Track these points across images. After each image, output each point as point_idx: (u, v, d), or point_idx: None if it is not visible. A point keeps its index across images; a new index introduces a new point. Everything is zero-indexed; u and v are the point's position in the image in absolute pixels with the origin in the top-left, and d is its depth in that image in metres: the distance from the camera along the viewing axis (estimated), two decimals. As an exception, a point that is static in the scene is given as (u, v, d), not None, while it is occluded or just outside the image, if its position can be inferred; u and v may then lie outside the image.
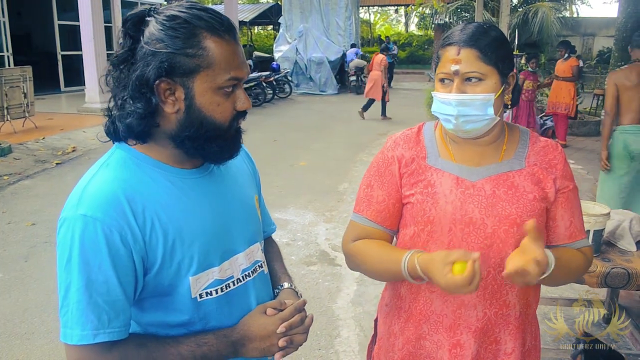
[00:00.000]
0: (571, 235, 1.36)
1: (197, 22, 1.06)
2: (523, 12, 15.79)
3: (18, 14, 15.95)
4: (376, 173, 1.43)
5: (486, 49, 1.25)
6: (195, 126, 1.09)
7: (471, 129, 1.30)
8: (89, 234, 1.02)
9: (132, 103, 1.08)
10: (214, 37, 1.07)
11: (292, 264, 4.43)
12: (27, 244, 4.79)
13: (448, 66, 1.27)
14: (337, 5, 18.09)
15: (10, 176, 6.95)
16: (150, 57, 1.05)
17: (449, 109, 1.28)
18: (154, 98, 1.07)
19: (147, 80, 1.05)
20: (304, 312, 1.25)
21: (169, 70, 1.05)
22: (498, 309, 1.32)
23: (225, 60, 1.08)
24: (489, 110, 1.27)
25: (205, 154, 1.15)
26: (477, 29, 1.28)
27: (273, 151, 8.80)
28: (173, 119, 1.10)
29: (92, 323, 1.02)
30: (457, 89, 1.26)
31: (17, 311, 3.64)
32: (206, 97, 1.08)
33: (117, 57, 1.10)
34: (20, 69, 9.56)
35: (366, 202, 1.42)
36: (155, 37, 1.05)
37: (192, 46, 1.05)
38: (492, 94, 1.26)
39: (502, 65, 1.28)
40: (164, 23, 1.06)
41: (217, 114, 1.10)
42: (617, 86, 4.33)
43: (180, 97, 1.08)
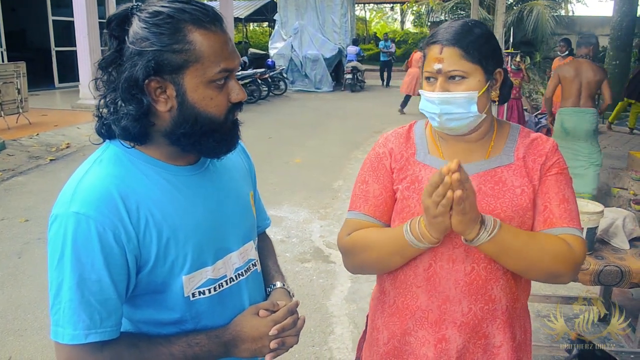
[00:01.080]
0: (545, 220, 1.28)
1: (181, 16, 1.03)
2: (518, 10, 15.83)
3: (12, 10, 15.85)
4: (370, 168, 1.43)
5: (469, 47, 1.26)
6: (190, 122, 1.07)
7: (455, 127, 1.31)
8: (82, 232, 1.00)
9: (124, 105, 1.05)
10: (199, 30, 1.04)
11: (287, 260, 4.43)
12: (21, 241, 4.77)
13: (432, 65, 1.29)
14: (332, 3, 18.05)
15: (4, 172, 6.92)
16: (136, 56, 1.02)
17: (433, 107, 1.30)
18: (145, 98, 1.05)
19: (136, 80, 1.03)
20: (296, 314, 1.25)
21: (156, 68, 1.02)
22: (484, 304, 1.32)
23: (214, 52, 1.05)
24: (472, 108, 1.28)
25: (203, 149, 1.13)
26: (461, 27, 1.29)
27: (268, 148, 8.79)
28: (167, 117, 1.08)
29: (83, 322, 1.01)
30: (440, 88, 1.27)
31: (11, 307, 3.63)
32: (198, 92, 1.06)
33: (104, 59, 1.08)
34: (14, 64, 9.50)
35: (362, 198, 1.41)
36: (140, 36, 1.03)
37: (178, 41, 1.02)
38: (475, 91, 1.27)
39: (486, 63, 1.28)
40: (147, 20, 1.03)
41: (211, 108, 1.08)
42: (559, 77, 5.52)
43: (171, 95, 1.06)
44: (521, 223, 1.30)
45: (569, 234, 1.26)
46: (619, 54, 12.70)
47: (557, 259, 1.23)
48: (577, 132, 5.42)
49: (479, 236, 1.19)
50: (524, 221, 1.31)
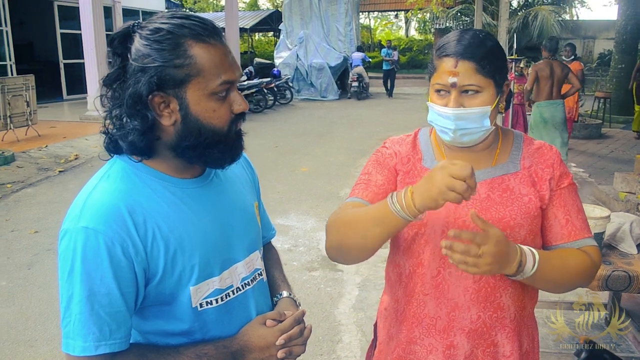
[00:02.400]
0: (569, 234, 1.33)
1: (181, 31, 1.06)
2: (523, 16, 15.84)
3: (21, 23, 16.06)
4: (375, 162, 1.43)
5: (483, 61, 1.24)
6: (194, 135, 1.09)
7: (468, 141, 1.31)
8: (91, 246, 1.02)
9: (130, 121, 1.08)
10: (199, 44, 1.06)
11: (294, 269, 4.44)
12: (31, 252, 4.81)
13: (445, 78, 1.26)
14: (337, 12, 18.15)
15: (14, 184, 6.98)
16: (139, 73, 1.05)
17: (446, 123, 1.28)
18: (150, 113, 1.07)
19: (140, 96, 1.05)
20: (303, 323, 1.26)
21: (159, 83, 1.05)
22: (492, 312, 1.32)
23: (214, 65, 1.07)
24: (485, 122, 1.28)
25: (207, 160, 1.15)
26: (473, 40, 1.27)
27: (274, 157, 8.82)
28: (171, 131, 1.10)
29: (94, 334, 1.03)
30: (455, 102, 1.25)
31: (21, 318, 3.66)
32: (201, 104, 1.08)
33: (109, 76, 1.10)
34: (22, 77, 9.62)
35: (363, 186, 1.40)
36: (142, 53, 1.05)
37: (179, 56, 1.05)
38: (488, 106, 1.27)
39: (498, 77, 1.28)
40: (148, 37, 1.05)
41: (215, 120, 1.10)
42: (537, 73, 6.61)
43: (175, 109, 1.08)
44: (529, 231, 1.31)
45: (589, 245, 1.32)
46: (625, 57, 12.68)
47: (583, 275, 1.29)
48: (554, 120, 6.63)
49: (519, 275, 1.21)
50: (532, 229, 1.31)
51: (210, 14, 24.52)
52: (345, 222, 1.28)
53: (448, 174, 1.06)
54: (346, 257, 1.34)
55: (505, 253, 1.15)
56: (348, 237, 1.26)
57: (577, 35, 19.93)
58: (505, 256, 1.15)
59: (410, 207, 1.12)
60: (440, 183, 1.06)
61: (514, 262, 1.18)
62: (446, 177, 1.06)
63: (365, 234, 1.22)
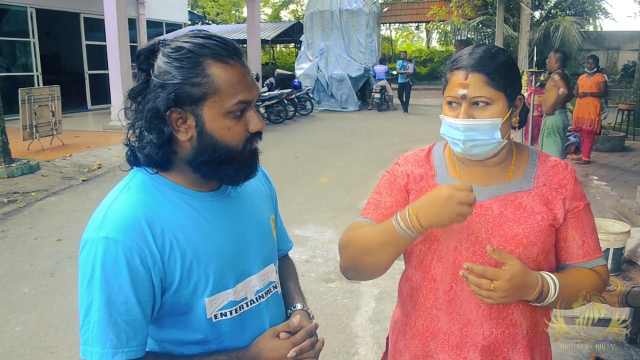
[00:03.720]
0: (585, 254, 1.35)
1: (201, 51, 1.09)
2: (545, 27, 15.72)
3: (47, 35, 16.43)
4: (386, 182, 1.46)
5: (494, 74, 1.26)
6: (208, 151, 1.12)
7: (478, 153, 1.32)
8: (111, 255, 1.06)
9: (147, 134, 1.12)
10: (218, 64, 1.10)
11: (311, 280, 4.45)
12: (53, 260, 4.90)
13: (455, 90, 1.28)
14: (358, 23, 18.21)
15: (38, 192, 7.13)
16: (159, 89, 1.09)
17: (456, 134, 1.29)
18: (167, 128, 1.11)
19: (157, 111, 1.09)
20: (315, 336, 1.28)
21: (177, 100, 1.08)
22: (505, 328, 1.32)
23: (231, 85, 1.10)
24: (496, 135, 1.28)
25: (221, 177, 1.18)
26: (485, 53, 1.29)
27: (294, 168, 8.86)
28: (187, 146, 1.13)
29: (111, 342, 1.06)
30: (464, 114, 1.27)
31: (42, 325, 3.73)
32: (216, 122, 1.11)
33: (133, 90, 1.14)
34: (48, 88, 9.85)
35: (374, 207, 1.43)
36: (163, 70, 1.09)
37: (197, 75, 1.08)
38: (499, 118, 1.28)
39: (510, 90, 1.29)
40: (169, 55, 1.10)
41: (229, 138, 1.13)
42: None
43: (191, 125, 1.11)
44: (542, 249, 1.31)
45: (600, 265, 1.37)
46: (650, 69, 12.48)
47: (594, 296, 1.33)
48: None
49: (538, 302, 1.26)
50: (545, 247, 1.31)
51: (233, 26, 24.81)
52: (355, 244, 1.32)
53: (457, 202, 1.13)
54: (361, 276, 1.40)
55: (522, 285, 1.20)
56: (360, 258, 1.31)
57: (600, 47, 19.70)
58: (523, 287, 1.20)
59: (416, 228, 1.18)
60: (451, 211, 1.13)
61: (534, 291, 1.22)
62: (455, 205, 1.13)
63: (375, 254, 1.27)
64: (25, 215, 6.25)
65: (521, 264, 1.20)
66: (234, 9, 35.81)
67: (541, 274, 1.25)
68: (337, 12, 18.21)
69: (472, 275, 1.18)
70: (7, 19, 14.70)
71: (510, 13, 15.82)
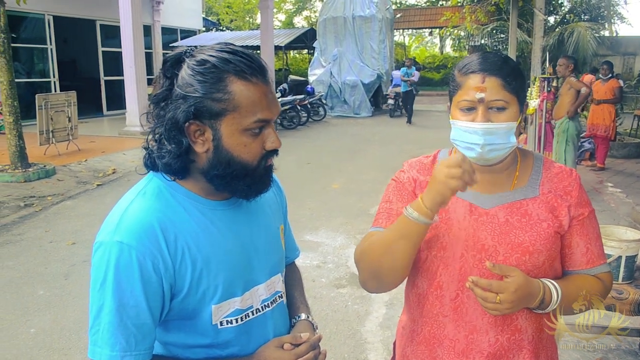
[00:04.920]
0: (588, 261, 1.35)
1: (225, 67, 1.10)
2: (559, 33, 15.63)
3: (64, 41, 16.68)
4: (395, 189, 1.46)
5: (509, 78, 1.27)
6: (223, 165, 1.14)
7: (494, 157, 1.31)
8: (124, 260, 1.08)
9: (166, 143, 1.14)
10: (241, 81, 1.10)
11: (322, 286, 4.46)
12: (68, 263, 4.96)
13: (472, 94, 1.27)
14: (371, 29, 18.25)
15: (54, 197, 7.22)
16: (181, 100, 1.10)
17: (474, 138, 1.28)
18: (185, 139, 1.12)
19: (177, 122, 1.11)
20: (318, 348, 1.29)
21: (196, 113, 1.10)
22: (510, 335, 1.32)
23: (252, 103, 1.11)
24: (511, 139, 1.29)
25: (234, 191, 1.19)
26: (498, 58, 1.30)
27: (306, 173, 8.89)
28: (204, 157, 1.15)
29: (120, 344, 1.08)
30: (482, 117, 1.27)
31: (56, 327, 3.78)
32: (233, 138, 1.12)
33: (156, 96, 1.16)
34: (65, 94, 10.00)
35: (385, 215, 1.42)
36: (186, 81, 1.10)
37: (219, 90, 1.09)
38: (514, 122, 1.28)
39: (520, 95, 1.30)
40: (194, 67, 1.10)
41: (245, 154, 1.14)
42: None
43: (208, 138, 1.13)
44: (548, 256, 1.31)
45: (604, 272, 1.37)
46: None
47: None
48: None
49: (540, 310, 1.27)
50: (551, 254, 1.31)
51: (247, 32, 24.95)
52: (371, 251, 1.32)
53: (443, 166, 1.15)
54: (382, 283, 1.35)
55: (526, 295, 1.21)
56: (377, 260, 1.29)
57: (616, 52, 19.51)
58: (527, 297, 1.22)
59: (421, 209, 1.18)
60: (439, 176, 1.15)
61: (536, 298, 1.24)
62: (442, 169, 1.15)
63: (392, 251, 1.26)
64: (41, 219, 6.34)
65: (523, 275, 1.21)
66: (247, 16, 36.05)
67: (542, 281, 1.26)
68: (350, 18, 18.28)
69: (478, 289, 1.19)
70: (25, 26, 14.95)
71: (524, 18, 15.74)
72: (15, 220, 6.26)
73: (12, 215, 6.41)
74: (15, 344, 3.57)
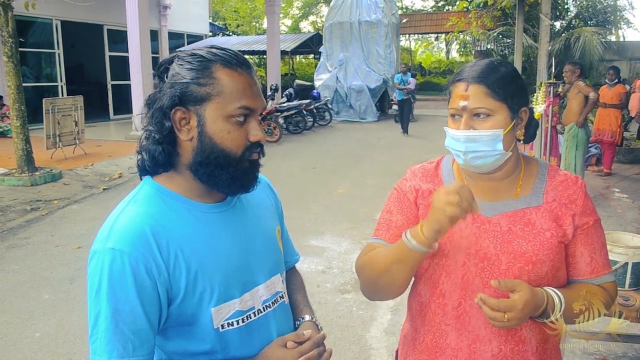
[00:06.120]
0: (593, 271, 1.34)
1: (213, 57, 1.15)
2: (565, 38, 15.59)
3: (72, 46, 16.79)
4: (396, 200, 1.45)
5: (495, 85, 1.26)
6: (206, 152, 1.15)
7: (481, 165, 1.31)
8: (117, 266, 1.08)
9: (152, 130, 1.17)
10: (226, 69, 1.15)
11: (327, 291, 4.45)
12: (73, 267, 4.97)
13: (457, 102, 1.29)
14: (377, 34, 18.25)
15: (60, 201, 7.25)
16: (168, 89, 1.14)
17: (457, 145, 1.30)
18: (168, 123, 1.15)
19: (162, 108, 1.14)
20: (322, 346, 1.28)
21: (181, 97, 1.13)
22: (514, 345, 1.31)
23: (236, 89, 1.14)
24: (497, 146, 1.28)
25: (217, 182, 1.18)
26: (486, 66, 1.30)
27: (312, 178, 8.89)
28: (188, 147, 1.17)
29: (118, 351, 1.08)
30: (465, 125, 1.28)
31: (61, 331, 3.78)
32: (217, 124, 1.14)
33: (150, 97, 1.19)
34: (72, 98, 10.06)
35: (385, 227, 1.43)
36: (175, 72, 1.15)
37: (204, 76, 1.13)
38: (500, 129, 1.27)
39: (511, 101, 1.29)
40: (183, 59, 1.16)
41: (228, 142, 1.15)
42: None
43: (193, 126, 1.15)
44: (551, 267, 1.29)
45: (609, 282, 1.36)
46: (674, 80, 12.26)
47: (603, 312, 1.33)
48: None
49: (542, 319, 1.26)
50: (554, 264, 1.30)
51: (253, 37, 25.04)
52: (371, 267, 1.34)
53: (442, 192, 1.14)
54: (380, 296, 1.42)
55: (532, 308, 1.21)
56: (377, 279, 1.32)
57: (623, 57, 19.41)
58: (533, 309, 1.21)
59: (419, 238, 1.18)
60: (437, 203, 1.14)
61: (541, 309, 1.23)
62: (440, 196, 1.14)
63: (390, 273, 1.28)
64: (47, 223, 6.36)
65: (529, 288, 1.20)
66: (254, 21, 36.16)
67: (546, 291, 1.25)
68: (356, 24, 18.30)
69: (486, 307, 1.18)
70: (33, 30, 15.07)
71: (530, 24, 15.71)
72: (22, 224, 6.28)
73: (18, 219, 6.44)
74: (20, 347, 3.57)
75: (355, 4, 18.39)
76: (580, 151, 7.10)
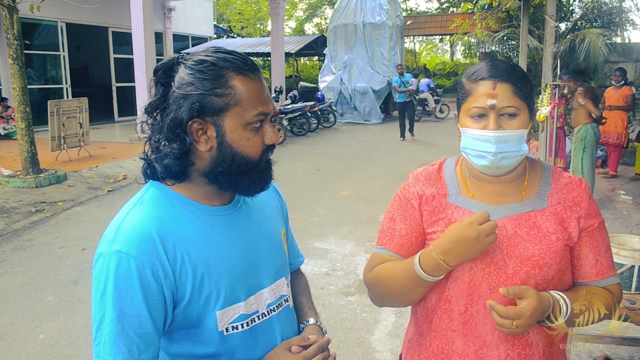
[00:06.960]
0: (598, 273, 1.33)
1: (223, 64, 1.13)
2: (570, 39, 15.54)
3: (77, 48, 16.85)
4: (398, 207, 1.43)
5: (520, 84, 1.25)
6: (227, 162, 1.15)
7: (506, 165, 1.29)
8: (123, 269, 1.08)
9: (167, 144, 1.15)
10: (239, 77, 1.13)
11: (331, 294, 4.44)
12: (77, 269, 4.98)
13: (483, 100, 1.25)
14: (381, 36, 18.25)
15: (65, 202, 7.27)
16: (181, 100, 1.12)
17: (486, 146, 1.26)
18: (188, 137, 1.13)
19: (180, 121, 1.12)
20: (327, 351, 1.28)
21: (200, 110, 1.11)
22: (521, 349, 1.29)
23: (252, 97, 1.14)
24: (523, 146, 1.27)
25: (238, 188, 1.20)
26: (507, 65, 1.29)
27: (316, 180, 8.88)
28: (206, 157, 1.16)
29: (123, 354, 1.07)
30: (495, 125, 1.25)
31: (64, 333, 3.79)
32: (236, 133, 1.14)
33: (151, 104, 1.18)
34: (77, 100, 10.09)
35: (389, 236, 1.42)
36: (186, 82, 1.12)
37: (220, 86, 1.12)
38: (525, 129, 1.27)
39: (530, 101, 1.28)
40: (192, 67, 1.13)
41: (248, 149, 1.15)
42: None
43: (212, 136, 1.14)
44: (558, 270, 1.28)
45: (614, 284, 1.35)
46: (680, 82, 12.20)
47: (607, 315, 1.32)
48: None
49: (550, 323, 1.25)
50: (561, 267, 1.29)
51: (257, 39, 25.06)
52: (385, 285, 1.38)
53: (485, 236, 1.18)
54: (391, 306, 1.50)
55: (540, 313, 1.20)
56: (390, 295, 1.38)
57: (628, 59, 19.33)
58: (541, 315, 1.21)
59: (444, 269, 1.25)
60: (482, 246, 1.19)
61: (547, 313, 1.22)
62: (484, 239, 1.18)
63: (408, 295, 1.35)
64: (52, 225, 6.38)
65: (536, 294, 1.19)
66: (258, 23, 36.21)
67: (552, 295, 1.24)
68: (360, 26, 18.30)
69: (495, 314, 1.18)
70: (38, 33, 15.14)
71: (535, 25, 15.66)
72: (26, 226, 6.30)
73: (23, 221, 6.46)
74: (24, 349, 3.58)
75: (359, 6, 18.40)
76: (587, 153, 7.11)
